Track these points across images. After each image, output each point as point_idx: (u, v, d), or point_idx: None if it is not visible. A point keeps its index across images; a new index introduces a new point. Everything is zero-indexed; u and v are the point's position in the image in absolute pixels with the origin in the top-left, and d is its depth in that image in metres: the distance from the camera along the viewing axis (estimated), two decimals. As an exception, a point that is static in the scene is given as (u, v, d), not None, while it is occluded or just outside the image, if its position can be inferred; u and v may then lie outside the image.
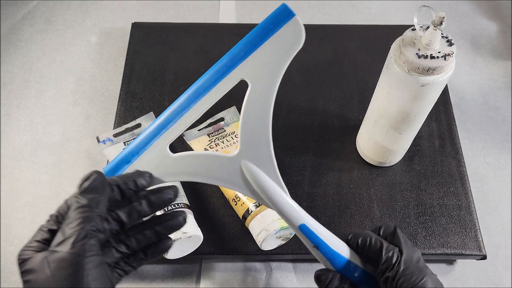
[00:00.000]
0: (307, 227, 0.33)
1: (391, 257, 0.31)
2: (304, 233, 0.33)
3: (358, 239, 0.33)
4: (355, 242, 0.33)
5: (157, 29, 0.60)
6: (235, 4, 0.67)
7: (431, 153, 0.51)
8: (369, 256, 0.32)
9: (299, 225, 0.33)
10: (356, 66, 0.57)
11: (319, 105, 0.54)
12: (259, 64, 0.31)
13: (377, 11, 0.67)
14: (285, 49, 0.31)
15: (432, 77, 0.35)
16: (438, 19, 0.33)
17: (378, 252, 0.31)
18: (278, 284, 0.46)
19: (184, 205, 0.43)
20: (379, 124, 0.43)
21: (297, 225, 0.33)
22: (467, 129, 0.56)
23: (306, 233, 0.33)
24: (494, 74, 0.61)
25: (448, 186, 0.48)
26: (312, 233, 0.33)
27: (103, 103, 0.57)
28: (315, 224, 0.33)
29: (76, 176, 0.51)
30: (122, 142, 0.47)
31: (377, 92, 0.42)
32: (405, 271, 0.30)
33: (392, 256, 0.31)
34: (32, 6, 0.66)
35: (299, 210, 0.33)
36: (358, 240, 0.33)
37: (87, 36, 0.63)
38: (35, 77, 0.59)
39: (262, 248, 0.43)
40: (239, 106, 0.51)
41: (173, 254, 0.42)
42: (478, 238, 0.45)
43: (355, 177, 0.49)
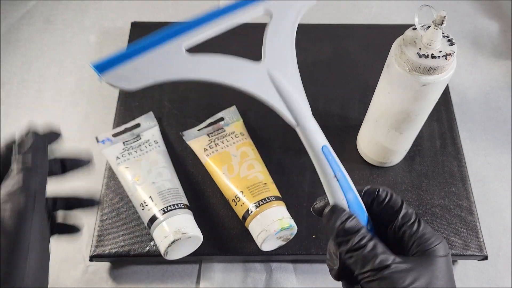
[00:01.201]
0: (330, 151, 0.30)
1: (411, 213, 0.29)
2: (326, 157, 0.29)
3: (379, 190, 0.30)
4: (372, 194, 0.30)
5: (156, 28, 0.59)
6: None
7: (432, 153, 0.50)
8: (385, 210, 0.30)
9: (322, 146, 0.30)
10: (356, 66, 0.57)
11: (319, 105, 0.54)
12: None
13: (377, 11, 0.67)
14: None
15: (433, 76, 0.35)
16: (439, 18, 0.33)
17: (399, 207, 0.29)
18: (278, 285, 0.46)
19: (184, 205, 0.43)
20: (380, 124, 0.43)
21: (319, 146, 0.30)
22: (468, 129, 0.56)
23: (328, 158, 0.29)
24: (496, 73, 0.61)
25: (449, 186, 0.48)
26: (333, 159, 0.30)
27: (102, 103, 0.57)
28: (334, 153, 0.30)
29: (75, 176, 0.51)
30: (121, 142, 0.47)
31: (377, 91, 0.42)
32: (425, 229, 0.29)
33: (412, 212, 0.29)
34: (31, 5, 0.66)
35: (321, 131, 0.31)
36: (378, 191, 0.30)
37: (86, 36, 0.63)
38: (34, 76, 0.59)
39: (262, 249, 0.42)
40: (239, 106, 0.51)
41: (173, 255, 0.42)
42: (479, 239, 0.45)
43: (356, 177, 0.49)
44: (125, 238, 0.44)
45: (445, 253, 0.28)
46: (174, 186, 0.44)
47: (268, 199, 0.43)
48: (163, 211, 0.42)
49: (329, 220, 0.29)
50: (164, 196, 0.43)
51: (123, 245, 0.44)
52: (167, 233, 0.40)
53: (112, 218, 0.46)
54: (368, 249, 0.27)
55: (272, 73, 0.31)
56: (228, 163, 0.45)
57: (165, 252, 0.41)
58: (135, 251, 0.44)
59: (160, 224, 0.41)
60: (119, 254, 0.44)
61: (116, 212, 0.46)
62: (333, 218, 0.28)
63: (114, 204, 0.46)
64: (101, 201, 0.46)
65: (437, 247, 0.28)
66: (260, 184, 0.44)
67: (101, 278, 0.46)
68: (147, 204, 0.42)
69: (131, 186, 0.44)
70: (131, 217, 0.46)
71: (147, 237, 0.44)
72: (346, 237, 0.28)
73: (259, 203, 0.42)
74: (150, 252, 0.44)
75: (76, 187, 0.37)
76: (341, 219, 0.28)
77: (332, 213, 0.29)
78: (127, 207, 0.46)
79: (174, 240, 0.40)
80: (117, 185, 0.47)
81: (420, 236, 0.28)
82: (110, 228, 0.45)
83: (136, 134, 0.48)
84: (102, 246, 0.44)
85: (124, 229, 0.45)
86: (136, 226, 0.45)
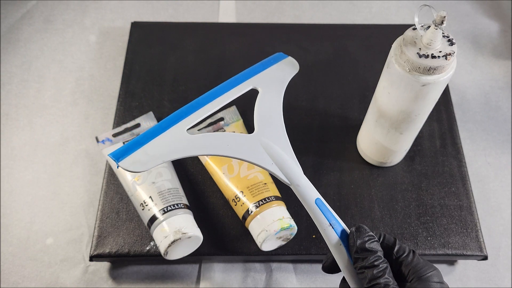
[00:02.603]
0: (323, 203, 0.33)
1: (404, 247, 0.32)
2: (320, 209, 0.33)
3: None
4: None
5: (156, 28, 0.60)
6: (234, 4, 0.67)
7: (432, 153, 0.50)
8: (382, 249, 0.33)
9: (315, 199, 0.33)
10: (356, 66, 0.57)
11: (320, 105, 0.54)
12: (267, 79, 0.39)
13: (377, 10, 0.67)
14: (285, 72, 0.41)
15: (433, 76, 0.35)
16: (439, 18, 0.33)
17: (393, 243, 0.32)
18: (278, 285, 0.46)
19: (184, 205, 0.43)
20: (380, 124, 0.43)
21: (313, 200, 0.33)
22: (468, 129, 0.56)
23: (322, 209, 0.33)
24: (496, 73, 0.61)
25: (449, 186, 0.48)
26: (327, 209, 0.33)
27: (102, 102, 0.57)
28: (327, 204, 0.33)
29: (75, 176, 0.51)
30: (121, 142, 0.47)
31: (377, 91, 0.42)
32: (419, 259, 0.31)
33: (405, 246, 0.32)
34: (31, 5, 0.66)
35: (313, 186, 0.34)
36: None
37: (86, 36, 0.63)
38: (34, 76, 0.59)
39: (262, 249, 0.42)
40: (238, 106, 0.51)
41: (173, 255, 0.42)
42: (479, 239, 0.45)
43: (356, 177, 0.49)
44: (125, 238, 0.44)
45: (439, 280, 0.30)
46: (174, 186, 0.44)
47: (268, 199, 0.43)
48: (163, 211, 0.42)
49: (353, 236, 0.32)
50: (164, 196, 0.43)
51: (123, 245, 0.44)
52: (167, 233, 0.40)
53: (112, 218, 0.46)
54: (379, 269, 0.30)
55: (264, 142, 0.35)
56: (228, 163, 0.45)
57: (165, 252, 0.41)
58: (135, 251, 0.44)
59: (160, 224, 0.41)
60: (119, 254, 0.44)
61: (116, 212, 0.46)
62: (357, 235, 0.31)
63: (114, 204, 0.46)
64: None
65: (432, 273, 0.31)
66: (260, 184, 0.44)
67: (101, 278, 0.46)
68: (147, 204, 0.42)
69: (131, 186, 0.44)
70: (131, 217, 0.46)
71: (147, 237, 0.44)
72: (364, 254, 0.31)
73: (259, 203, 0.42)
74: (150, 252, 0.44)
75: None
76: (363, 239, 0.31)
77: (357, 231, 0.32)
78: (127, 207, 0.46)
79: (174, 240, 0.40)
80: (117, 185, 0.47)
81: (415, 265, 0.31)
82: (110, 228, 0.45)
83: (136, 134, 0.48)
84: (102, 246, 0.44)
85: (124, 229, 0.45)
86: (136, 226, 0.45)
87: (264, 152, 0.35)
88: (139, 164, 0.32)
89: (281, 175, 0.34)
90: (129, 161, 0.32)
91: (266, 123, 0.37)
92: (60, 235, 0.48)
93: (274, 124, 0.37)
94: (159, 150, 0.33)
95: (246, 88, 0.39)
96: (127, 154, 0.33)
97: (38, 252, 0.47)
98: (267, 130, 0.36)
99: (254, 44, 0.59)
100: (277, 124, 0.37)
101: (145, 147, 0.33)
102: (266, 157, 0.35)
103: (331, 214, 0.33)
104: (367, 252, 0.31)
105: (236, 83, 0.39)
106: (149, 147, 0.33)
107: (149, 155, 0.33)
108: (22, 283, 0.46)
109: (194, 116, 0.36)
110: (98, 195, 0.50)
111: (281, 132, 0.36)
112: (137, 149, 0.33)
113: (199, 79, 0.55)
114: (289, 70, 0.41)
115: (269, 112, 0.37)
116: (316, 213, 0.33)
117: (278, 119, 0.37)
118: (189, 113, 0.36)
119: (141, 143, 0.33)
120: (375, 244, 0.31)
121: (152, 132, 0.34)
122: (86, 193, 0.50)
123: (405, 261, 0.31)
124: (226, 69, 0.56)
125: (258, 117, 0.37)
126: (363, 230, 0.32)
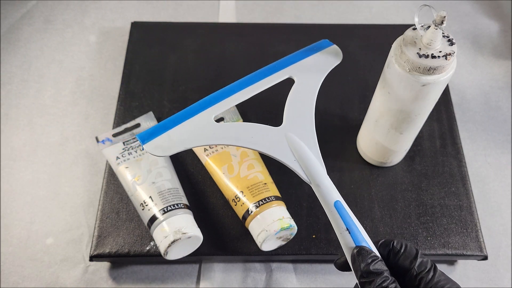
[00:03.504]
0: (342, 206, 0.32)
1: (426, 261, 0.30)
2: (338, 212, 0.32)
3: (393, 243, 0.31)
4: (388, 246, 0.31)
5: (156, 28, 0.60)
6: (235, 4, 0.67)
7: (432, 153, 0.50)
8: (401, 260, 0.31)
9: (334, 201, 0.32)
10: (356, 66, 0.57)
11: (320, 105, 0.53)
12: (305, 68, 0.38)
13: (377, 10, 0.67)
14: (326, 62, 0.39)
15: (433, 76, 0.35)
16: (439, 18, 0.33)
17: (414, 256, 0.30)
18: (278, 285, 0.46)
19: (184, 205, 0.43)
20: (380, 124, 0.43)
21: (332, 202, 0.32)
22: (468, 129, 0.56)
23: (341, 212, 0.32)
24: (496, 73, 0.61)
25: (449, 186, 0.48)
26: (346, 213, 0.32)
27: (102, 102, 0.57)
28: (347, 207, 0.32)
29: (75, 176, 0.51)
30: (121, 142, 0.47)
31: (377, 91, 0.42)
32: (440, 276, 0.30)
33: (427, 261, 0.30)
34: (31, 5, 0.66)
35: (335, 188, 0.33)
36: (393, 243, 0.31)
37: (86, 36, 0.63)
38: (34, 76, 0.59)
39: (262, 249, 0.42)
40: (238, 106, 0.51)
41: (173, 255, 0.42)
42: (479, 239, 0.45)
43: (356, 177, 0.49)
44: (125, 238, 0.44)
45: None
46: (174, 186, 0.44)
47: (268, 199, 0.43)
48: (163, 211, 0.42)
49: (356, 260, 0.30)
50: (164, 196, 0.43)
51: (123, 245, 0.44)
52: (167, 233, 0.40)
53: (112, 218, 0.46)
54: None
55: (289, 136, 0.34)
56: (228, 163, 0.45)
57: (165, 252, 0.41)
58: (135, 251, 0.44)
59: (160, 224, 0.41)
60: (119, 254, 0.44)
61: (116, 212, 0.46)
62: (359, 259, 0.30)
63: (114, 204, 0.46)
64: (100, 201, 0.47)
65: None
66: (260, 184, 0.44)
67: (101, 278, 0.46)
68: (147, 204, 0.42)
69: (131, 186, 0.44)
70: (131, 217, 0.46)
71: (147, 237, 0.44)
72: (370, 278, 0.29)
73: (259, 203, 0.42)
74: (150, 252, 0.44)
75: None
76: (366, 262, 0.30)
77: (358, 255, 0.30)
78: (127, 207, 0.46)
79: (174, 240, 0.40)
80: (117, 185, 0.47)
81: (436, 282, 0.29)
82: (110, 228, 0.45)
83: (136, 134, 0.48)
84: (102, 246, 0.44)
85: (124, 229, 0.45)
86: (136, 226, 0.45)
87: (288, 147, 0.34)
88: (161, 149, 0.32)
89: (302, 173, 0.33)
90: (153, 145, 0.32)
91: (295, 116, 0.35)
92: (60, 235, 0.48)
93: (303, 118, 0.35)
94: (183, 136, 0.33)
95: (282, 77, 0.37)
96: (153, 137, 0.32)
97: (38, 252, 0.47)
98: (296, 124, 0.35)
99: (254, 44, 0.59)
100: (306, 119, 0.35)
101: (170, 132, 0.33)
102: (289, 153, 0.34)
103: (350, 219, 0.32)
104: (373, 275, 0.29)
105: (273, 71, 0.37)
106: (173, 132, 0.33)
107: (173, 141, 0.33)
108: (22, 283, 0.46)
109: (222, 104, 0.35)
110: (98, 195, 0.50)
111: (310, 128, 0.35)
112: (162, 133, 0.33)
113: (199, 79, 0.55)
114: (331, 60, 0.39)
115: (301, 105, 0.36)
116: (334, 215, 0.32)
117: (309, 113, 0.36)
118: (218, 100, 0.35)
119: (167, 127, 0.33)
120: (379, 264, 0.30)
121: (179, 117, 0.33)
122: (86, 193, 0.50)
123: (426, 278, 0.30)
124: (226, 69, 0.56)
125: (289, 110, 0.35)
126: (364, 253, 0.30)
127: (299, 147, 0.34)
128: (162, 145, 0.33)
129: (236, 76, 0.38)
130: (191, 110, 0.34)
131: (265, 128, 0.34)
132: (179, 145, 0.33)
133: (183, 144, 0.33)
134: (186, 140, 0.33)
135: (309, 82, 0.37)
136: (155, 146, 0.32)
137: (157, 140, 0.33)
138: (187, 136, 0.33)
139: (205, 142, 0.33)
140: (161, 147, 0.33)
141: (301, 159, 0.34)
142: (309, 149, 0.34)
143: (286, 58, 0.38)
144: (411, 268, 0.30)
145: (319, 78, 0.38)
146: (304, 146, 0.34)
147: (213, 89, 0.54)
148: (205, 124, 0.34)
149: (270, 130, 0.35)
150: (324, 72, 0.38)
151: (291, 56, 0.38)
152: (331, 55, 0.39)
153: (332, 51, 0.40)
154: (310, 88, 0.37)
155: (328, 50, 0.39)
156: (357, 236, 0.31)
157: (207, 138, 0.33)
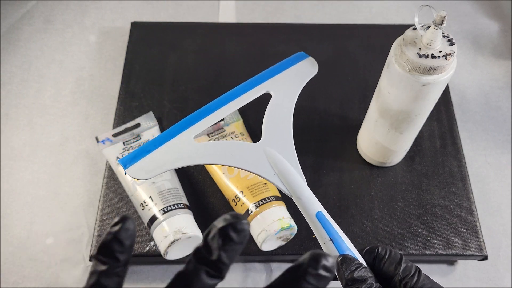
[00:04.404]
0: (324, 216, 0.32)
1: (410, 266, 0.31)
2: (321, 222, 0.32)
3: (378, 249, 0.32)
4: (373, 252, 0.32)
5: (156, 28, 0.60)
6: (235, 4, 0.67)
7: (432, 153, 0.50)
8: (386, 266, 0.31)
9: (316, 212, 0.32)
10: (356, 66, 0.57)
11: (320, 105, 0.54)
12: (281, 82, 0.38)
13: (377, 10, 0.67)
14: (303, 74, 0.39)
15: (433, 76, 0.35)
16: (439, 18, 0.33)
17: (399, 261, 0.31)
18: (278, 285, 0.46)
19: (184, 205, 0.43)
20: (380, 124, 0.43)
21: (314, 213, 0.32)
22: (468, 129, 0.56)
23: (323, 222, 0.32)
24: (496, 73, 0.61)
25: (449, 186, 0.48)
26: (328, 224, 0.32)
27: (102, 102, 0.57)
28: (330, 217, 0.33)
29: (75, 176, 0.51)
30: (121, 142, 0.47)
31: (377, 91, 0.42)
32: (425, 280, 0.30)
33: (411, 265, 0.31)
34: (31, 5, 0.66)
35: (316, 199, 0.33)
36: (377, 249, 0.31)
37: (86, 36, 0.63)
38: (34, 76, 0.59)
39: (262, 249, 0.42)
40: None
41: (173, 255, 0.42)
42: (479, 239, 0.45)
43: (356, 178, 0.49)
44: (125, 238, 0.44)
45: None
46: (174, 186, 0.44)
47: (268, 199, 0.43)
48: (163, 211, 0.42)
49: (340, 269, 0.30)
50: (164, 196, 0.43)
51: (123, 245, 0.44)
52: (167, 233, 0.40)
53: (112, 218, 0.46)
54: None
55: (268, 151, 0.35)
56: (228, 163, 0.45)
57: (165, 252, 0.41)
58: (135, 251, 0.44)
59: (160, 224, 0.41)
60: (119, 254, 0.44)
61: (116, 212, 0.46)
62: (343, 267, 0.30)
63: (114, 204, 0.46)
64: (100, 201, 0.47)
65: None
66: (260, 184, 0.44)
67: (101, 278, 0.46)
68: (147, 204, 0.42)
69: (131, 186, 0.44)
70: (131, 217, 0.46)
71: (147, 237, 0.44)
72: (355, 285, 0.29)
73: (259, 203, 0.42)
74: (150, 252, 0.44)
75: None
76: (350, 269, 0.30)
77: (342, 263, 0.31)
78: (127, 207, 0.46)
79: (174, 240, 0.40)
80: (117, 185, 0.47)
81: (420, 287, 0.30)
82: (110, 228, 0.45)
83: (136, 134, 0.48)
84: (102, 246, 0.44)
85: (124, 229, 0.45)
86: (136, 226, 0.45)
87: (267, 162, 0.34)
88: (144, 172, 0.33)
89: (283, 187, 0.34)
90: (136, 168, 0.33)
91: (273, 131, 0.36)
92: (60, 235, 0.48)
93: (282, 132, 0.36)
94: (164, 158, 0.33)
95: (259, 93, 0.38)
96: (135, 161, 0.33)
97: (38, 252, 0.47)
98: (274, 138, 0.35)
99: (254, 44, 0.59)
100: (285, 133, 0.36)
101: (152, 154, 0.33)
102: (269, 167, 0.34)
103: (333, 229, 0.32)
104: (357, 282, 0.29)
105: (250, 87, 0.38)
106: (155, 155, 0.33)
107: (155, 163, 0.33)
108: (22, 283, 0.46)
109: (202, 123, 0.36)
110: (98, 195, 0.50)
111: (288, 141, 0.36)
112: (144, 156, 0.33)
113: (199, 79, 0.55)
114: (307, 72, 0.39)
115: (279, 119, 0.37)
116: (316, 226, 0.32)
117: (286, 127, 0.36)
118: (197, 120, 0.36)
119: (149, 150, 0.33)
120: (363, 271, 0.30)
121: (160, 139, 0.34)
122: (86, 193, 0.50)
123: (410, 282, 0.30)
124: (226, 69, 0.56)
125: (267, 124, 0.36)
126: (348, 261, 0.30)
127: (278, 161, 0.34)
128: (145, 168, 0.33)
129: (236, 76, 0.39)
130: (172, 131, 0.35)
131: (244, 145, 0.35)
132: (162, 167, 0.33)
133: (165, 166, 0.33)
134: (168, 162, 0.33)
135: (286, 95, 0.38)
136: (137, 169, 0.33)
137: (140, 164, 0.33)
138: (168, 158, 0.33)
139: (186, 162, 0.34)
140: (144, 170, 0.33)
141: (281, 173, 0.34)
142: (289, 162, 0.35)
143: (263, 73, 0.39)
144: (396, 273, 0.30)
145: (296, 91, 0.38)
146: (283, 159, 0.35)
147: (213, 89, 0.55)
148: (185, 145, 0.34)
149: (249, 147, 0.35)
150: (300, 85, 0.39)
151: (268, 71, 0.39)
152: (307, 67, 0.40)
153: (308, 63, 0.40)
154: (287, 101, 0.37)
155: (304, 63, 0.40)
156: (341, 245, 0.32)
157: (189, 158, 0.34)
